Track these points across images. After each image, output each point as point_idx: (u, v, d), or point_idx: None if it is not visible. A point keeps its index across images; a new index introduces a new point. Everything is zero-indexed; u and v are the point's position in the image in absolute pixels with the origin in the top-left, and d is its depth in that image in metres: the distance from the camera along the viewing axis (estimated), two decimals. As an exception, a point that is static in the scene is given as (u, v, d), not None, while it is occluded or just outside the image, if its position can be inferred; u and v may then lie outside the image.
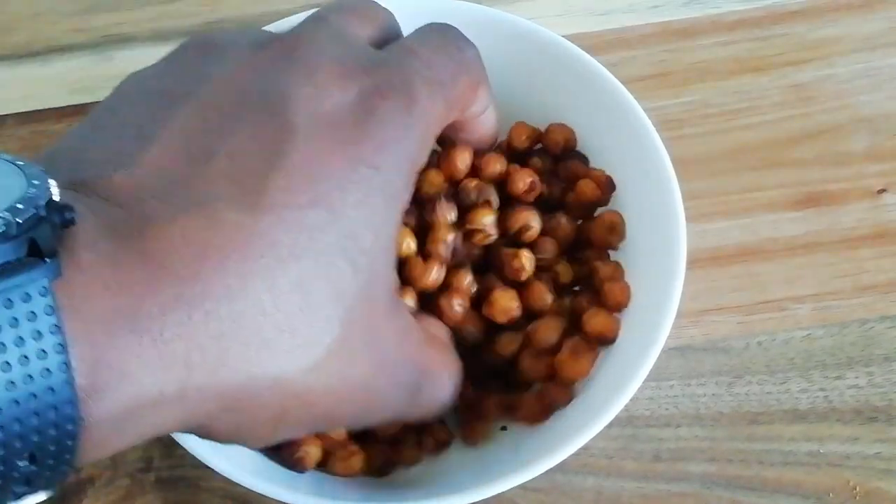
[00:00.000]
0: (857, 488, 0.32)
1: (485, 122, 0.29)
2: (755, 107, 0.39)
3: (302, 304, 0.21)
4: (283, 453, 0.29)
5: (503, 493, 0.27)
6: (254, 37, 0.25)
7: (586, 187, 0.31)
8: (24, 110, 0.40)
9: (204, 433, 0.21)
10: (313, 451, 0.28)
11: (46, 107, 0.40)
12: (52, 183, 0.19)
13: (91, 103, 0.39)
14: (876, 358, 0.34)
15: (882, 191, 0.37)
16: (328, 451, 0.29)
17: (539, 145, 0.33)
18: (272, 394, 0.21)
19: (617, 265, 0.31)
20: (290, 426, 0.22)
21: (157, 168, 0.21)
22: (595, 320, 0.29)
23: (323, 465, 0.29)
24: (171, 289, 0.19)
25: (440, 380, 0.26)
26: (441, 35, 0.27)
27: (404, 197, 0.24)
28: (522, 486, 0.27)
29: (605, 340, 0.29)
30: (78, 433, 0.18)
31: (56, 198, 0.18)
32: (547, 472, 0.27)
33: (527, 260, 0.29)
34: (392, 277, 0.24)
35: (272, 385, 0.20)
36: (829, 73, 0.39)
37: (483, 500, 0.27)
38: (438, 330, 0.28)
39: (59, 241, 0.18)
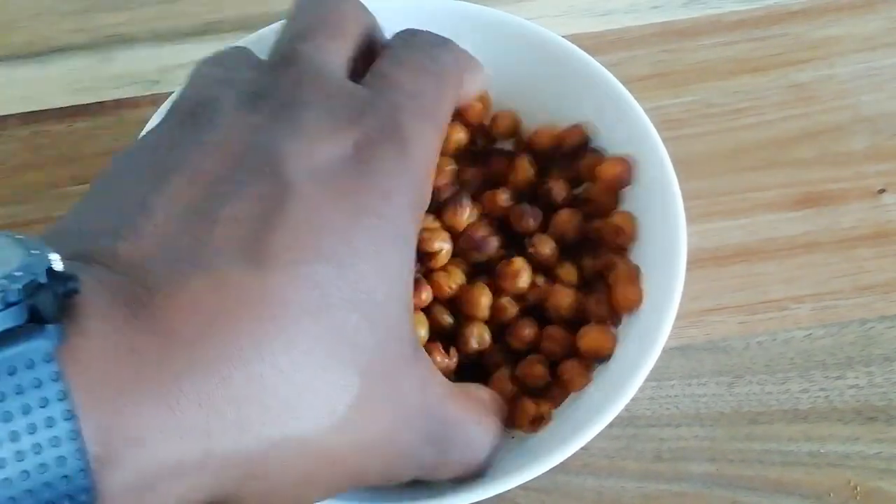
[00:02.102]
0: (858, 488, 0.32)
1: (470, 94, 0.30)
2: (755, 107, 0.39)
3: (319, 362, 0.20)
4: None
5: (504, 493, 0.27)
6: (240, 94, 0.24)
7: (609, 166, 0.31)
8: (24, 110, 0.40)
9: (224, 500, 0.20)
10: None
11: (47, 107, 0.40)
12: (54, 255, 0.18)
13: (91, 103, 0.39)
14: (876, 358, 0.34)
15: (882, 191, 0.37)
16: None
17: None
18: (297, 456, 0.20)
19: (635, 268, 0.30)
20: (319, 488, 0.22)
21: (160, 236, 0.21)
22: (589, 337, 0.29)
23: None
24: (184, 354, 0.18)
25: (469, 433, 0.25)
26: (414, 49, 0.27)
27: (413, 241, 0.24)
28: (523, 487, 0.27)
29: (601, 357, 0.29)
30: None
31: (58, 267, 0.18)
32: (548, 472, 0.27)
33: (523, 270, 0.30)
34: (409, 327, 0.23)
35: (297, 447, 0.20)
36: (830, 73, 0.39)
37: (483, 500, 0.27)
38: (475, 389, 0.27)
39: (64, 310, 0.18)
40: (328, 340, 0.20)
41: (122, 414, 0.18)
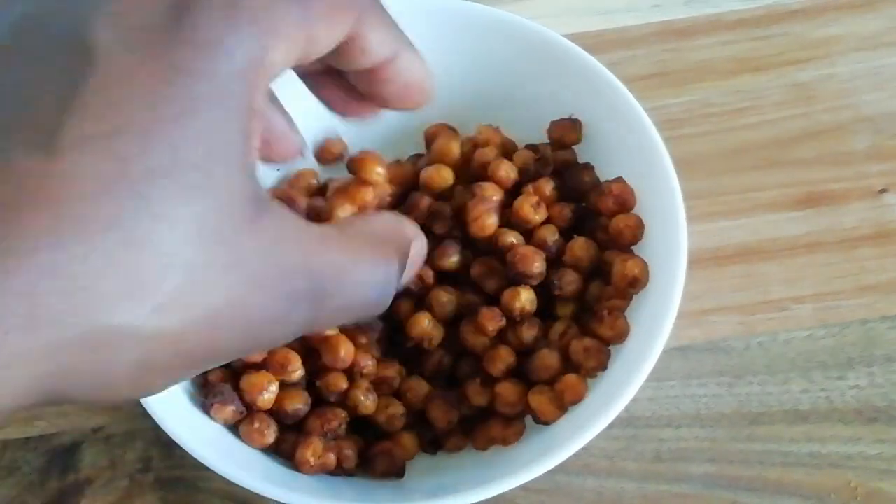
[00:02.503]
0: (858, 489, 0.32)
1: (400, 73, 0.25)
2: (756, 106, 0.39)
3: (129, 242, 0.19)
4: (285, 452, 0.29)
5: (504, 493, 0.27)
6: None
7: (623, 226, 0.31)
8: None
9: (61, 395, 0.19)
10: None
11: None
12: None
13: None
14: (877, 358, 0.34)
15: (883, 190, 0.37)
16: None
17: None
18: (120, 344, 0.19)
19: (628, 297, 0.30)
20: (161, 373, 0.21)
21: None
22: (565, 384, 0.29)
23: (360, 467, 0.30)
24: None
25: (350, 277, 0.23)
26: None
27: (249, 99, 0.21)
28: (523, 487, 0.27)
29: (575, 400, 0.29)
30: None
31: None
32: (548, 472, 0.27)
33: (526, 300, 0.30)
34: (246, 186, 0.21)
35: (117, 335, 0.19)
36: (830, 73, 0.39)
37: (484, 501, 0.27)
38: (363, 223, 0.25)
39: None
40: (135, 218, 0.19)
41: None
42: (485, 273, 0.31)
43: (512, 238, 0.30)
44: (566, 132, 0.33)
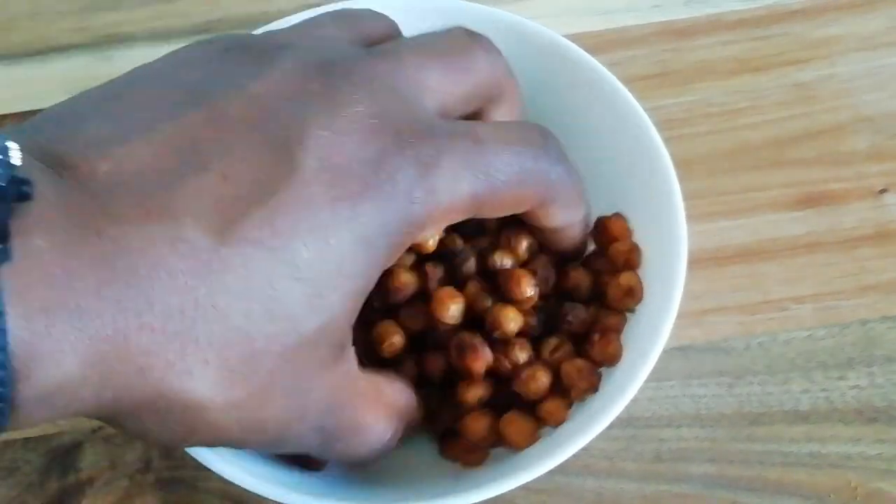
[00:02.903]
0: (859, 489, 0.32)
1: (561, 241, 0.29)
2: (756, 106, 0.39)
3: (232, 342, 0.20)
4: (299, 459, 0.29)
5: (504, 493, 0.27)
6: (303, 56, 0.23)
7: (627, 283, 0.30)
8: (23, 110, 0.40)
9: (114, 424, 0.22)
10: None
11: (45, 106, 0.39)
12: (13, 145, 0.19)
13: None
14: (877, 358, 0.34)
15: (884, 191, 0.37)
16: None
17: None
18: (183, 415, 0.21)
19: (623, 318, 0.30)
20: (194, 440, 0.23)
21: (146, 163, 0.20)
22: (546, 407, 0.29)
23: None
24: (114, 294, 0.19)
25: (360, 437, 0.25)
26: (529, 135, 0.26)
27: (381, 258, 0.23)
28: (523, 487, 0.27)
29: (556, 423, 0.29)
30: (6, 411, 0.18)
31: (14, 160, 0.18)
32: (548, 473, 0.27)
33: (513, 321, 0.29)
34: (345, 329, 0.23)
35: (185, 409, 0.21)
36: (831, 73, 0.39)
37: (484, 501, 0.27)
38: (391, 389, 0.27)
39: (14, 217, 0.18)
40: (250, 325, 0.21)
41: (47, 336, 0.18)
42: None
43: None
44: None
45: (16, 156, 0.19)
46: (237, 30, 0.41)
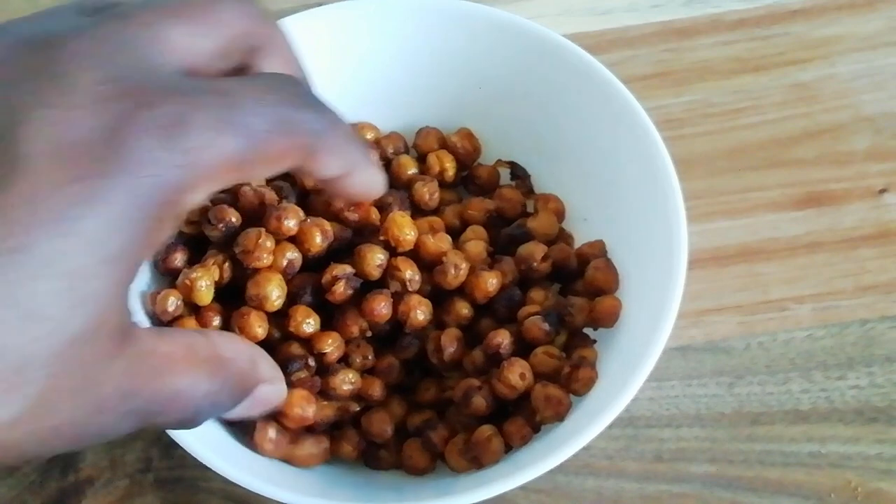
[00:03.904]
0: (859, 489, 0.32)
1: (346, 188, 0.26)
2: (756, 106, 0.39)
3: None
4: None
5: (504, 493, 0.27)
6: (16, 33, 0.22)
7: (609, 304, 0.31)
8: (23, 110, 0.39)
9: None
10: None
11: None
12: None
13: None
14: (877, 358, 0.34)
15: (883, 191, 0.37)
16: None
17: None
18: None
19: (593, 351, 0.30)
20: None
21: None
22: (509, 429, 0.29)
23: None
24: None
25: (181, 402, 0.24)
26: (282, 86, 0.24)
27: (148, 228, 0.21)
28: (523, 487, 0.27)
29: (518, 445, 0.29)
30: None
31: None
32: (548, 472, 0.27)
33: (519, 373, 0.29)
34: (121, 313, 0.22)
35: None
36: (831, 73, 0.39)
37: (483, 501, 0.27)
38: (209, 342, 0.25)
39: None
40: (5, 337, 0.19)
41: None
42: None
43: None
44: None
45: None
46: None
